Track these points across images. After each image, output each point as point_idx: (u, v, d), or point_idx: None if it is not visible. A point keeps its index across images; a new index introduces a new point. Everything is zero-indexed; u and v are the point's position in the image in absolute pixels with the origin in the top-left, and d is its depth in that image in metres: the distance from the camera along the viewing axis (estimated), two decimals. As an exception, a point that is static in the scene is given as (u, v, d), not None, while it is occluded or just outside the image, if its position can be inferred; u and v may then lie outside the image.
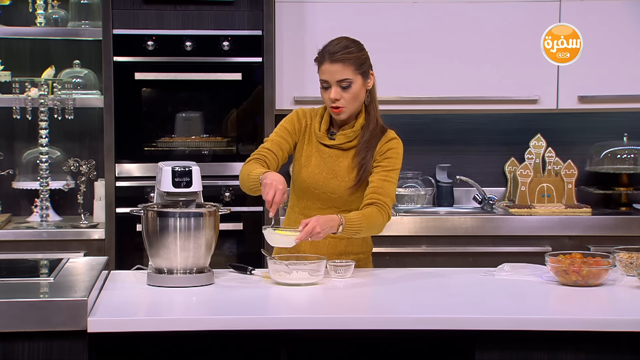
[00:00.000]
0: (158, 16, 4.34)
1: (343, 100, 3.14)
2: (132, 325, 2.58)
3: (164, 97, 4.46)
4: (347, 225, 3.02)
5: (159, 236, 2.95)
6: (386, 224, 3.14)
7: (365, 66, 3.17)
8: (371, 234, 3.20)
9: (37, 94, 4.41)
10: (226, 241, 4.30)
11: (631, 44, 4.60)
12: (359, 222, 3.05)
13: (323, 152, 3.23)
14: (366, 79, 3.18)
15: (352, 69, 3.13)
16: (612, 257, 3.01)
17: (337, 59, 3.12)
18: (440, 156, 4.94)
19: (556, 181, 4.72)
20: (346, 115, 3.19)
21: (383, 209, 3.10)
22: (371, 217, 3.08)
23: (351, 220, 3.04)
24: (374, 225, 3.10)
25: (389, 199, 3.13)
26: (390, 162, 3.18)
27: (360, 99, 3.18)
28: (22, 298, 2.54)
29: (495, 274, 3.15)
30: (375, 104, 3.24)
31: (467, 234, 4.42)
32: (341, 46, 3.14)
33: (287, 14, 4.50)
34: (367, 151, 3.18)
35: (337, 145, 3.21)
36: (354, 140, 3.21)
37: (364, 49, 3.20)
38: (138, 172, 4.37)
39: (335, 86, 3.14)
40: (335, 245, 3.22)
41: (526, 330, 2.59)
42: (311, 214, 3.18)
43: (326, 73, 3.14)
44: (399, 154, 3.22)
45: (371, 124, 3.21)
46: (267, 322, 2.62)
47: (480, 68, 4.60)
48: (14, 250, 4.23)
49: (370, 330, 2.62)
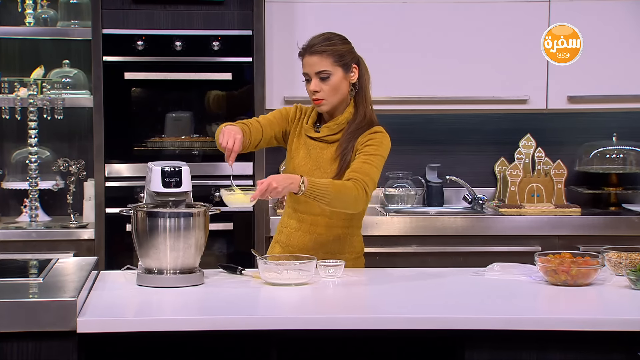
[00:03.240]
0: (148, 16, 4.33)
1: (323, 92, 3.17)
2: (122, 325, 2.58)
3: (153, 97, 4.45)
4: (310, 187, 2.96)
5: (148, 236, 2.94)
6: (363, 200, 3.06)
7: (347, 59, 3.18)
8: (343, 206, 3.06)
9: (26, 93, 4.40)
10: (216, 241, 4.30)
11: (621, 44, 4.61)
12: (325, 187, 2.99)
13: (309, 144, 3.25)
14: (347, 72, 3.19)
15: (331, 61, 3.15)
16: (601, 257, 3.01)
17: (315, 50, 3.16)
18: (430, 156, 4.94)
19: (546, 181, 4.73)
20: (327, 107, 3.20)
21: (358, 184, 3.04)
22: (342, 187, 3.03)
23: (315, 182, 2.99)
24: (344, 196, 3.02)
25: (367, 177, 3.08)
26: (371, 148, 3.15)
27: (341, 92, 3.19)
28: (11, 298, 2.53)
29: (485, 273, 3.16)
30: (365, 99, 3.25)
31: (457, 234, 4.42)
32: (320, 39, 3.19)
33: (277, 14, 4.50)
34: (349, 142, 3.18)
35: (321, 137, 3.23)
36: (338, 133, 3.22)
37: (348, 42, 3.22)
38: (128, 172, 4.36)
39: (314, 78, 3.17)
40: (323, 244, 3.22)
41: (516, 330, 2.59)
42: (301, 208, 3.20)
43: (306, 66, 3.19)
44: (382, 143, 3.18)
45: (358, 117, 3.22)
46: (257, 322, 2.62)
47: (470, 68, 4.60)
48: (3, 250, 4.21)
49: (360, 330, 2.62)
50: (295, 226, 3.26)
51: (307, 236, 3.24)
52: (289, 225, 3.28)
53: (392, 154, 4.86)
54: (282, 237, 3.31)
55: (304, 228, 3.25)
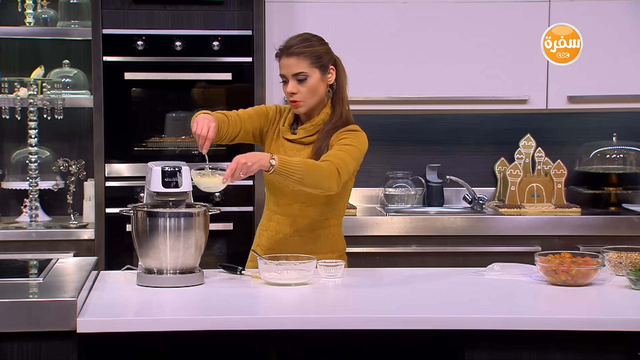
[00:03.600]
0: (148, 16, 4.33)
1: (300, 94, 3.16)
2: (122, 325, 2.58)
3: (153, 97, 4.45)
4: (281, 163, 2.92)
5: (148, 236, 2.94)
6: (335, 180, 2.99)
7: (324, 60, 3.18)
8: (315, 184, 2.98)
9: (26, 93, 4.40)
10: (216, 241, 4.30)
11: (621, 44, 4.61)
12: (297, 163, 2.95)
13: (286, 146, 3.24)
14: (325, 74, 3.18)
15: (308, 63, 3.15)
16: (601, 257, 3.01)
17: (292, 52, 3.15)
18: (430, 156, 4.94)
19: (546, 181, 4.73)
20: (305, 109, 3.20)
21: (331, 164, 3.00)
22: (313, 165, 2.99)
23: (286, 159, 2.96)
24: (316, 174, 2.96)
25: (341, 161, 3.02)
26: (346, 141, 3.12)
27: (319, 93, 3.19)
28: (11, 298, 2.53)
29: (485, 273, 3.16)
30: (342, 100, 3.23)
31: (457, 234, 4.42)
32: (297, 40, 3.18)
33: (277, 14, 4.50)
34: (323, 141, 3.17)
35: (298, 139, 3.22)
36: (314, 134, 3.21)
37: (325, 43, 3.22)
38: (128, 172, 4.36)
39: (291, 80, 3.16)
40: (304, 245, 3.20)
41: (516, 330, 2.59)
42: (281, 210, 3.19)
43: (283, 67, 3.18)
44: (357, 137, 3.15)
45: (334, 117, 3.20)
46: (256, 322, 2.62)
47: (470, 68, 4.60)
48: (3, 250, 4.21)
49: (360, 330, 2.62)
50: (275, 228, 3.25)
51: (287, 238, 3.22)
52: (269, 228, 3.27)
53: (392, 154, 4.95)
54: (262, 240, 3.29)
55: (284, 230, 3.23)
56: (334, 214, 3.25)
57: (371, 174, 4.93)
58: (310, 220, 3.21)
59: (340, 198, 3.22)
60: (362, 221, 4.45)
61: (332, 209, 3.23)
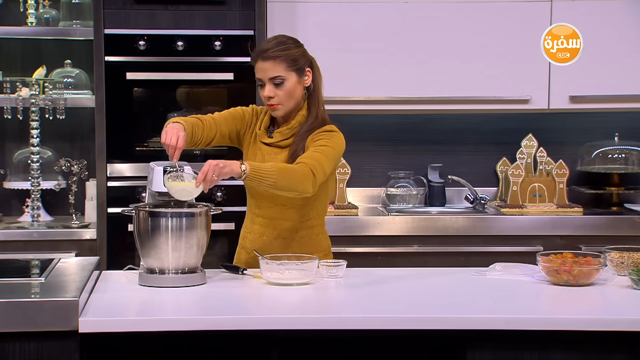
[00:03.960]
0: (149, 16, 4.33)
1: (277, 98, 3.15)
2: (124, 325, 2.58)
3: (155, 97, 4.45)
4: (252, 169, 2.91)
5: (150, 236, 2.94)
6: (310, 181, 2.98)
7: (300, 63, 3.16)
8: (290, 186, 2.97)
9: (28, 93, 4.40)
10: (218, 241, 4.30)
11: (623, 44, 4.61)
12: (268, 168, 2.94)
13: (263, 150, 3.22)
14: (301, 76, 3.17)
15: (284, 66, 3.13)
16: (603, 257, 3.01)
17: (268, 56, 3.13)
18: (431, 156, 4.94)
19: (547, 181, 4.73)
20: (282, 112, 3.18)
21: (305, 166, 2.99)
22: (286, 168, 2.99)
23: (257, 164, 2.95)
24: (289, 177, 2.96)
25: (316, 162, 3.01)
26: (322, 142, 3.10)
27: (296, 96, 3.17)
28: (13, 298, 2.53)
29: (486, 273, 3.16)
30: (317, 101, 3.21)
31: (458, 234, 4.42)
32: (273, 44, 3.15)
33: (278, 14, 4.50)
34: (299, 143, 3.16)
35: (274, 143, 3.21)
36: (290, 137, 3.19)
37: (300, 45, 3.20)
38: (129, 172, 4.36)
39: (268, 84, 3.14)
40: (289, 247, 3.19)
41: (517, 330, 2.59)
42: (263, 213, 3.20)
43: (259, 71, 3.15)
44: (333, 137, 3.13)
45: (310, 119, 3.19)
46: (258, 322, 2.62)
47: (471, 68, 4.60)
48: (5, 250, 4.21)
49: (362, 330, 2.62)
50: (258, 231, 3.24)
51: (271, 240, 3.21)
52: (253, 230, 3.26)
53: (394, 154, 4.95)
54: (246, 243, 3.29)
55: (268, 232, 3.22)
56: (315, 214, 3.23)
57: (373, 174, 4.93)
58: (292, 222, 3.20)
59: (319, 198, 3.21)
60: (363, 221, 4.45)
61: (312, 209, 3.22)
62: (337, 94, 4.45)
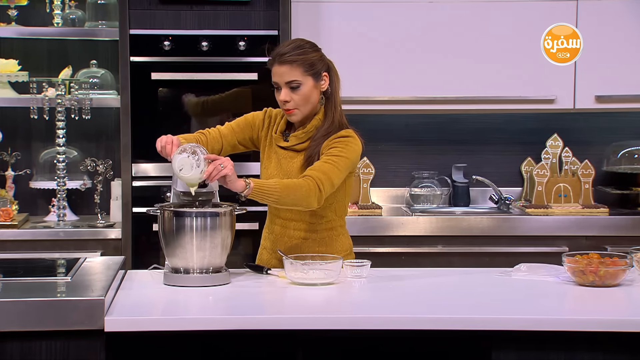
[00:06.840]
0: (174, 16, 4.35)
1: (293, 102, 3.13)
2: (149, 324, 2.59)
3: (180, 97, 4.47)
4: (256, 187, 2.92)
5: (175, 236, 2.96)
6: (315, 196, 2.99)
7: (317, 68, 3.13)
8: (293, 203, 3.01)
9: (54, 94, 4.43)
10: (242, 241, 4.31)
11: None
12: (272, 185, 2.95)
13: (279, 154, 3.22)
14: (318, 81, 3.15)
15: (301, 70, 3.11)
16: (629, 258, 2.99)
17: (285, 60, 3.11)
18: (456, 156, 4.93)
19: (573, 181, 4.70)
20: (299, 117, 3.17)
21: (310, 180, 2.99)
22: (290, 184, 2.98)
23: (261, 182, 2.96)
24: (293, 193, 2.97)
25: (324, 175, 3.01)
26: (335, 150, 3.09)
27: (312, 101, 3.15)
28: (40, 297, 2.55)
29: (511, 274, 3.15)
30: (335, 105, 3.19)
31: (483, 234, 4.41)
32: (290, 48, 3.13)
33: (303, 14, 4.51)
34: (315, 148, 3.14)
35: (290, 147, 3.19)
36: (306, 141, 3.18)
37: (318, 49, 3.17)
38: (154, 171, 4.38)
39: (284, 88, 3.12)
40: (309, 247, 3.18)
41: (543, 331, 2.58)
42: (281, 215, 3.20)
43: (276, 75, 3.14)
44: (349, 145, 3.11)
45: (326, 123, 3.17)
46: (283, 322, 2.62)
47: (496, 67, 4.58)
48: (32, 249, 4.25)
49: (386, 330, 2.62)
50: (279, 232, 3.24)
51: (291, 240, 3.21)
52: (274, 231, 3.26)
53: (418, 154, 4.93)
54: (267, 243, 3.29)
55: (288, 233, 3.22)
56: (334, 215, 3.22)
57: (397, 174, 4.93)
58: (310, 224, 3.20)
59: (337, 199, 3.20)
60: (387, 221, 4.44)
61: (330, 211, 3.20)
62: (362, 94, 4.44)
